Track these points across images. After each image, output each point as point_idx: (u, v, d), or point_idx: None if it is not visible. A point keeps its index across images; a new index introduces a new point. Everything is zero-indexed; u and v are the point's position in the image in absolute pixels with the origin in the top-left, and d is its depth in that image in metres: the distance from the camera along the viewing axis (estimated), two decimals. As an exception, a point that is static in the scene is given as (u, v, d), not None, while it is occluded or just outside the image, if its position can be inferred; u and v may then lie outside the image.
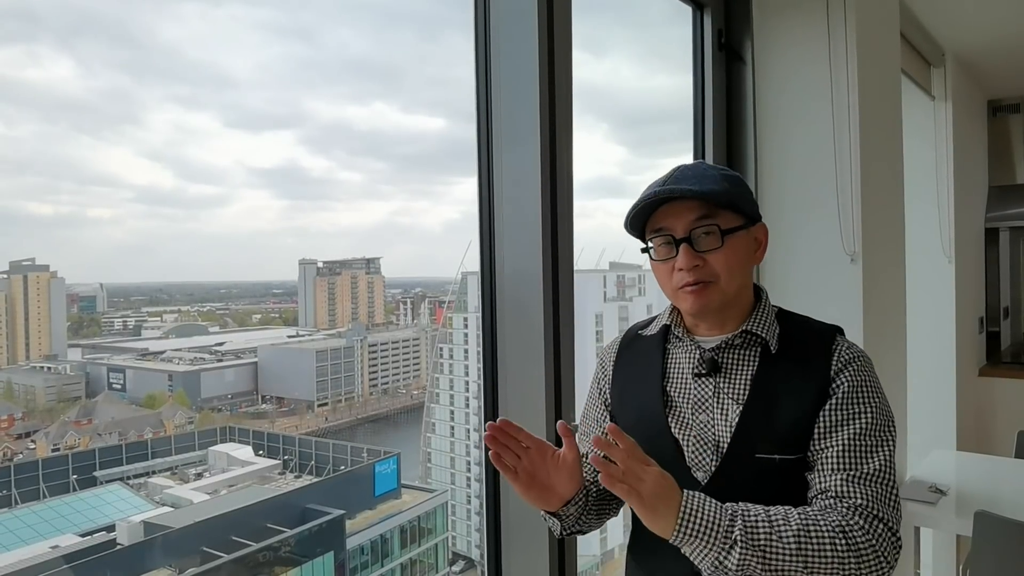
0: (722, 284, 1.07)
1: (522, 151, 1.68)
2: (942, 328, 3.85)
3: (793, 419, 1.05)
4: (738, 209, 1.09)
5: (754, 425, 1.05)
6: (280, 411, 6.77)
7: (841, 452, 1.02)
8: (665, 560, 1.09)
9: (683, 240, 1.07)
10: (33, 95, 7.24)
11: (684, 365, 1.15)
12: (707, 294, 1.07)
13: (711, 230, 1.06)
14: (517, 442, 1.04)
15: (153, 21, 8.33)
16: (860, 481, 1.00)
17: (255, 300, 7.59)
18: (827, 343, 1.10)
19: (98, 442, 5.46)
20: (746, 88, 2.46)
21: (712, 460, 1.08)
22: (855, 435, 1.02)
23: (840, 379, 1.06)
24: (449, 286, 7.76)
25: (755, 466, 1.04)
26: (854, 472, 1.01)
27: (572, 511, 1.11)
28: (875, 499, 0.99)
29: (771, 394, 1.07)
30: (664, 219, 1.09)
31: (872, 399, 1.06)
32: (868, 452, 1.02)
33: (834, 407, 1.04)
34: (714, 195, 1.06)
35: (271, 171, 10.33)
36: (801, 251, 2.40)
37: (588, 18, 1.90)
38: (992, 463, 2.97)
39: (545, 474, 1.06)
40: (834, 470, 1.01)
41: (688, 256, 1.06)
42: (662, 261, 1.10)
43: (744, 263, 1.10)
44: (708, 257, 1.07)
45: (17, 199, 7.16)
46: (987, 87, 4.60)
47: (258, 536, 5.55)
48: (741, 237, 1.09)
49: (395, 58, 12.44)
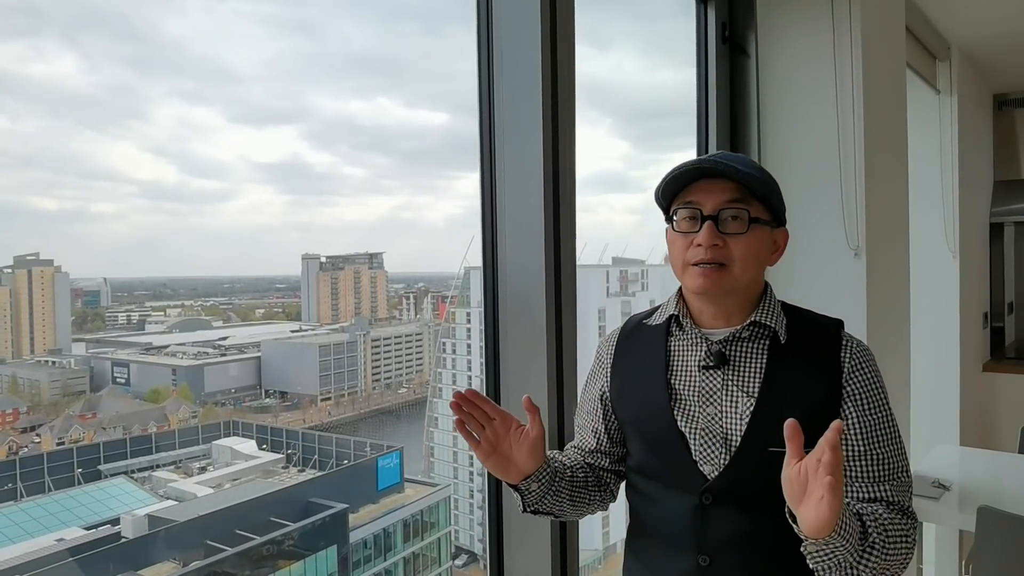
0: (735, 271, 1.06)
1: (525, 146, 1.67)
2: (946, 323, 3.84)
3: (804, 412, 1.04)
4: (769, 204, 1.09)
5: (767, 418, 1.05)
6: (283, 405, 6.78)
7: (880, 461, 1.06)
8: (663, 554, 1.10)
9: (710, 217, 1.06)
10: (37, 90, 7.24)
11: (689, 357, 1.13)
12: (718, 276, 1.06)
13: (740, 214, 1.06)
14: (483, 412, 1.10)
15: (157, 16, 8.32)
16: (904, 489, 1.07)
17: (258, 295, 7.60)
18: (835, 337, 1.10)
19: (102, 436, 5.47)
20: (750, 82, 2.45)
21: (721, 454, 1.07)
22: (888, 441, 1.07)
23: (854, 380, 1.07)
24: (452, 281, 7.76)
25: (766, 460, 1.03)
26: (897, 481, 1.06)
27: (534, 488, 1.13)
28: (911, 503, 1.07)
29: (782, 387, 1.07)
30: (697, 193, 1.08)
31: (886, 400, 1.09)
32: (901, 457, 1.08)
33: (861, 414, 1.06)
34: (752, 181, 1.06)
35: (274, 166, 10.32)
36: (805, 245, 2.39)
37: (591, 12, 1.89)
38: (995, 458, 2.97)
39: (508, 446, 1.11)
40: (879, 480, 1.06)
41: (711, 233, 1.05)
42: (682, 233, 1.09)
43: (760, 257, 1.10)
44: (729, 240, 1.06)
45: (21, 194, 7.16)
46: (993, 81, 4.57)
47: (262, 530, 5.56)
48: (764, 232, 1.09)
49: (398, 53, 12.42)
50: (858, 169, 2.31)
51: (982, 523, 1.99)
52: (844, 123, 2.32)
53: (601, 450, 1.25)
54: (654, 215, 1.18)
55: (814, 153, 2.39)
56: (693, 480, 1.08)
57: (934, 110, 3.77)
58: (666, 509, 1.11)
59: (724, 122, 2.46)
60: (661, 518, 1.12)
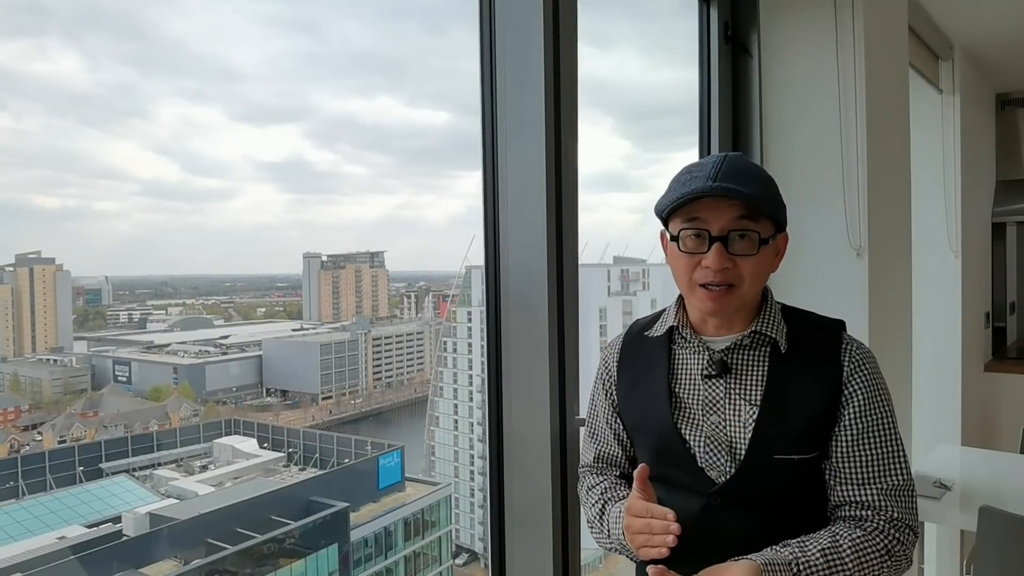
0: (744, 289, 1.05)
1: (527, 145, 1.67)
2: (948, 323, 3.83)
3: (807, 418, 1.05)
4: (776, 219, 1.07)
5: (771, 427, 1.05)
6: (284, 404, 6.79)
7: (868, 463, 1.04)
8: (672, 555, 1.09)
9: (718, 239, 1.02)
10: (41, 88, 7.26)
11: (692, 366, 1.13)
12: (727, 299, 1.05)
13: (749, 235, 1.03)
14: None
15: (159, 14, 8.33)
16: (894, 494, 1.04)
17: (260, 293, 7.60)
18: (834, 340, 1.09)
19: (104, 434, 5.48)
20: (752, 81, 2.45)
21: (727, 462, 1.07)
22: (881, 444, 1.05)
23: (854, 383, 1.06)
24: (453, 280, 7.76)
25: (773, 467, 1.04)
26: (886, 485, 1.04)
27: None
28: (908, 510, 1.04)
29: (784, 394, 1.06)
30: (703, 210, 1.03)
31: (886, 403, 1.08)
32: (895, 461, 1.05)
33: (855, 416, 1.05)
34: (762, 201, 1.03)
35: (276, 165, 10.33)
36: (807, 245, 2.39)
37: (594, 11, 1.89)
38: (997, 458, 2.96)
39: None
40: (866, 482, 1.04)
41: (720, 257, 1.02)
42: (688, 253, 1.06)
43: (767, 271, 1.09)
44: (739, 261, 1.03)
45: (24, 192, 7.18)
46: (995, 80, 4.56)
47: (263, 528, 5.57)
48: (771, 246, 1.07)
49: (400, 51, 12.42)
50: (860, 169, 2.31)
51: (983, 523, 1.99)
52: (847, 123, 2.31)
53: (627, 456, 1.25)
54: (655, 215, 1.17)
55: (816, 153, 2.38)
56: (701, 483, 1.08)
57: (936, 110, 3.76)
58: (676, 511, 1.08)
59: (726, 121, 2.46)
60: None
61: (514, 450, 1.73)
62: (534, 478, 1.70)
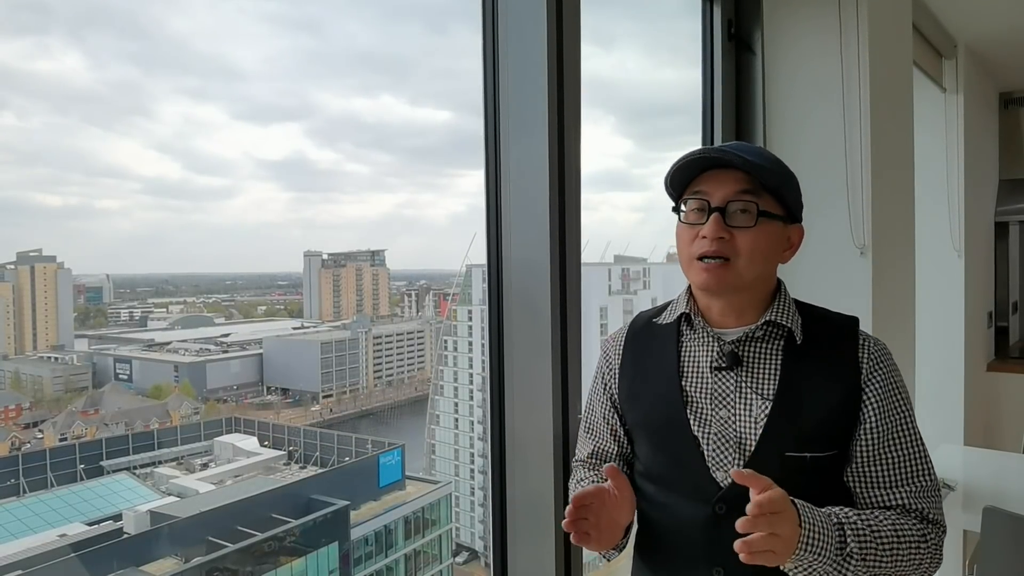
0: (740, 266, 1.02)
1: (530, 143, 1.66)
2: (951, 322, 3.82)
3: (823, 415, 1.01)
4: (782, 198, 1.05)
5: (783, 422, 1.01)
6: (285, 402, 6.79)
7: (898, 465, 1.02)
8: (675, 564, 1.07)
9: (717, 209, 1.02)
10: (44, 87, 7.25)
11: (700, 357, 1.09)
12: (722, 273, 1.02)
13: (748, 207, 1.02)
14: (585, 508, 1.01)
15: (162, 13, 8.33)
16: (924, 495, 1.02)
17: (260, 292, 7.60)
18: (851, 335, 1.07)
19: (105, 432, 5.48)
20: (756, 80, 2.44)
21: (735, 459, 1.03)
22: (906, 444, 1.03)
23: (875, 381, 1.03)
24: (454, 279, 7.75)
25: (783, 465, 1.00)
26: (916, 487, 1.02)
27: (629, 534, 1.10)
28: (939, 509, 1.03)
29: (799, 390, 1.02)
30: (706, 183, 1.03)
31: (906, 400, 1.06)
32: (922, 462, 1.03)
33: (879, 417, 1.02)
34: (762, 172, 1.01)
35: (278, 163, 10.34)
36: (811, 244, 2.35)
37: (596, 10, 1.88)
38: (1000, 458, 2.96)
39: (608, 517, 1.04)
40: (895, 485, 1.02)
41: (716, 226, 1.01)
42: (689, 225, 1.05)
43: (769, 254, 1.05)
44: (736, 233, 1.02)
45: (26, 190, 7.18)
46: (999, 79, 4.55)
47: (263, 526, 5.57)
48: (775, 227, 1.05)
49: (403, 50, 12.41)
50: (864, 168, 2.30)
51: (987, 523, 1.99)
52: (850, 121, 2.30)
53: (622, 453, 1.21)
54: (656, 213, 1.16)
55: (820, 151, 2.38)
56: (706, 488, 1.03)
57: (940, 108, 3.75)
58: (678, 518, 1.06)
59: (729, 120, 2.45)
60: (673, 527, 1.07)
61: (516, 448, 1.73)
62: (536, 477, 1.69)
